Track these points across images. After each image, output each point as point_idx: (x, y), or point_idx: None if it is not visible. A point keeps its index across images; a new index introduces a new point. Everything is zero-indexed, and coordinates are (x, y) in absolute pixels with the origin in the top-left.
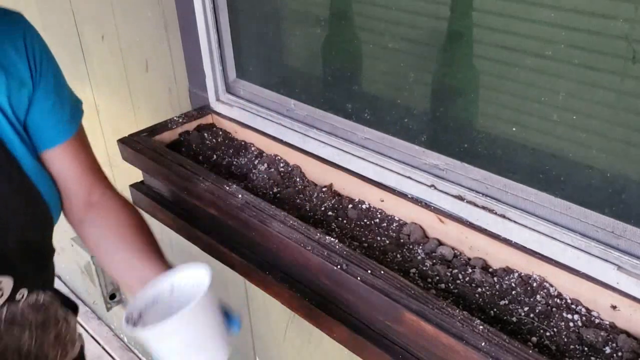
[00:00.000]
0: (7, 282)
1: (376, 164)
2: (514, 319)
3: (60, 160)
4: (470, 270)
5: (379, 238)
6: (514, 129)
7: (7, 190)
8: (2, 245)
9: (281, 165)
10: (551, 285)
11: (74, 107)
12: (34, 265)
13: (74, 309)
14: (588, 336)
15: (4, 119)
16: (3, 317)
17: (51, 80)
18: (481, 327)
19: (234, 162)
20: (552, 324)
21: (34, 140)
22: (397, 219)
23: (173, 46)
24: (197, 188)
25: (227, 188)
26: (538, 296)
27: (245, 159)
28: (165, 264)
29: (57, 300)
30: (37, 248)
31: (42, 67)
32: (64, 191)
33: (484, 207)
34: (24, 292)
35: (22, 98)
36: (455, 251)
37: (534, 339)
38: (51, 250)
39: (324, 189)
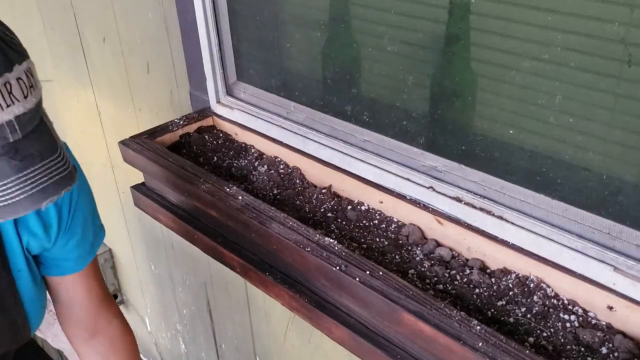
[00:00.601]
0: None
1: (375, 166)
2: (511, 320)
3: (69, 287)
4: (468, 271)
5: (377, 239)
6: (511, 131)
7: None
8: None
9: (281, 167)
10: (548, 286)
11: (96, 239)
12: None
13: None
14: (585, 337)
15: (21, 252)
16: None
17: (79, 223)
18: (478, 327)
19: (234, 164)
20: (549, 324)
21: (44, 267)
22: (395, 220)
23: (174, 48)
24: (198, 190)
25: (228, 190)
26: (535, 297)
27: (246, 161)
28: None
29: None
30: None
31: (73, 218)
32: (69, 315)
33: (481, 209)
34: None
35: (43, 241)
36: (453, 252)
37: (531, 339)
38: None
39: (323, 191)
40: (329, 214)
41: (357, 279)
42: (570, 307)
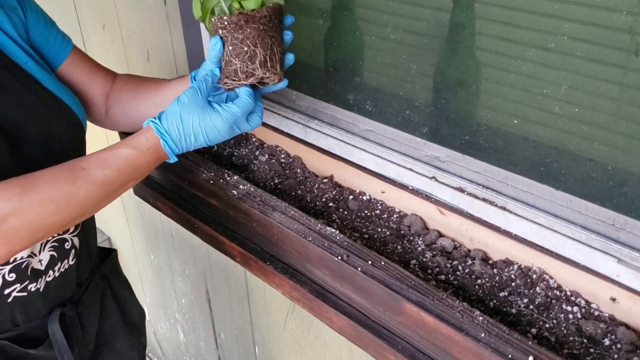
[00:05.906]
0: None
1: (377, 156)
2: (514, 311)
3: (73, 67)
4: (470, 261)
5: (379, 229)
6: (515, 121)
7: (32, 98)
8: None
9: (282, 156)
10: (551, 278)
11: (65, 35)
12: None
13: None
14: (587, 328)
15: (14, 45)
16: None
17: (34, 4)
18: (481, 318)
19: (235, 153)
20: (551, 315)
21: (47, 60)
22: (397, 210)
23: (174, 36)
24: (198, 178)
25: (228, 178)
26: (538, 288)
27: (247, 150)
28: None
29: None
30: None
31: None
32: (86, 94)
33: (484, 199)
34: None
35: (18, 21)
36: (456, 243)
37: (534, 330)
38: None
39: (324, 180)
40: (331, 204)
41: (359, 269)
42: (573, 298)
